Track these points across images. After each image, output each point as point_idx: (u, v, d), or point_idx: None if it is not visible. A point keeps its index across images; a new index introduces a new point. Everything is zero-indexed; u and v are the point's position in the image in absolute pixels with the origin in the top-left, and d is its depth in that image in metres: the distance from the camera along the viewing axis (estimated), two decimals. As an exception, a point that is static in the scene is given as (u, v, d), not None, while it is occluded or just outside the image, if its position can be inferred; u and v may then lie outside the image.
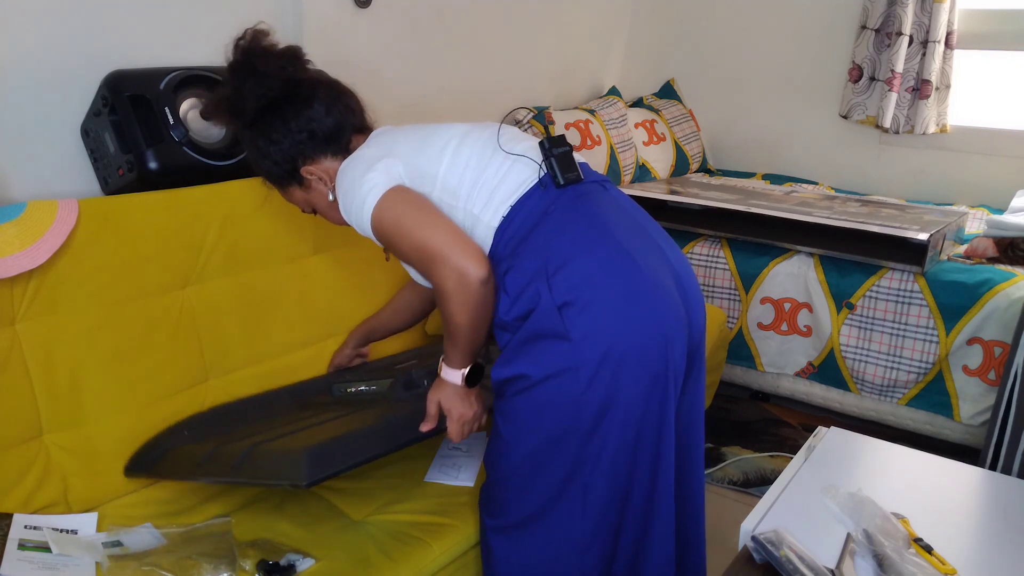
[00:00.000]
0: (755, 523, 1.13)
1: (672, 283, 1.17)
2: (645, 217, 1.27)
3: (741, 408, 2.59)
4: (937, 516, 1.17)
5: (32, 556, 1.16)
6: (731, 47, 3.47)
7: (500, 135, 1.22)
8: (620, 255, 1.13)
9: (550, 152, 1.18)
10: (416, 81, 2.34)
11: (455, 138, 1.22)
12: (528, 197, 1.17)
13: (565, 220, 1.14)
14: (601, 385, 1.08)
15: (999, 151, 2.97)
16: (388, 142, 1.25)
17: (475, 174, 1.18)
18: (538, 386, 1.09)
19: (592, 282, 1.10)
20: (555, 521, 1.13)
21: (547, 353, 1.09)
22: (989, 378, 2.13)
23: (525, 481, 1.14)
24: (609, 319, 1.09)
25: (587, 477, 1.11)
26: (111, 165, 1.54)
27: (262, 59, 1.28)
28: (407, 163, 1.20)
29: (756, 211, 2.44)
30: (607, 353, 1.08)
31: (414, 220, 1.15)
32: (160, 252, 1.48)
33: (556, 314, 1.08)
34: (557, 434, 1.10)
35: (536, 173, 1.18)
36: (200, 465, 1.24)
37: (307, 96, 1.29)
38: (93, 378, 1.38)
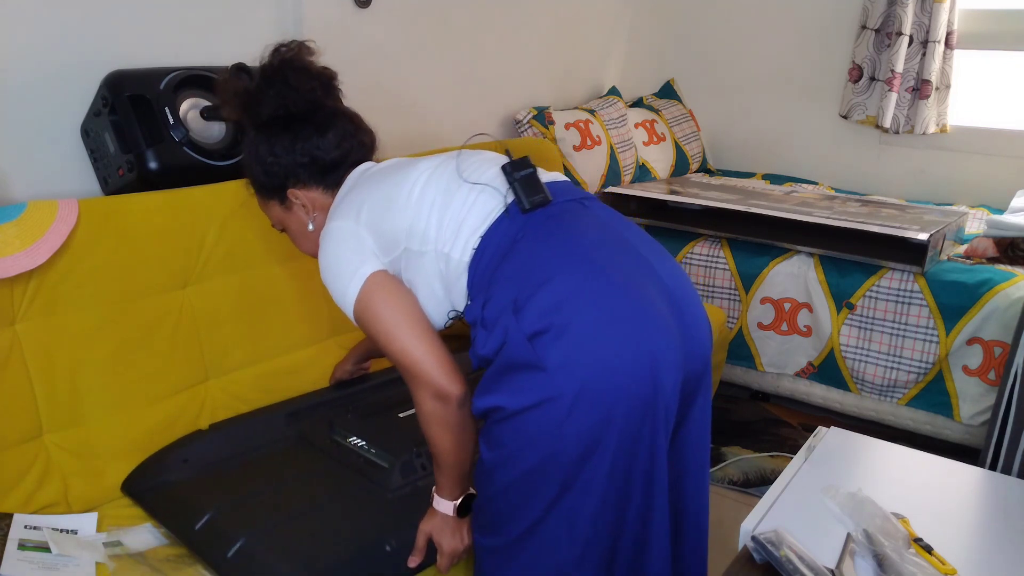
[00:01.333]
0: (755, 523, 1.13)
1: (663, 301, 1.10)
2: (633, 231, 1.19)
3: (741, 408, 2.59)
4: (937, 516, 1.17)
5: (32, 556, 1.16)
6: (731, 47, 3.47)
7: (460, 165, 1.18)
8: (597, 276, 1.07)
9: (512, 177, 1.13)
10: (416, 81, 2.35)
11: (419, 183, 1.17)
12: (496, 227, 1.12)
13: (535, 246, 1.10)
14: (583, 414, 1.02)
15: (999, 151, 2.97)
16: (356, 203, 1.21)
17: (440, 213, 1.15)
18: (516, 417, 1.05)
19: (565, 307, 1.04)
20: (541, 543, 1.10)
21: (522, 384, 1.04)
22: (989, 378, 2.13)
23: (512, 504, 1.10)
24: (586, 345, 1.03)
25: (574, 502, 1.07)
26: (111, 165, 1.54)
27: (296, 74, 1.26)
28: (374, 232, 1.18)
29: (756, 211, 2.44)
30: (586, 380, 1.02)
31: (392, 323, 1.15)
32: (160, 252, 1.48)
33: (527, 345, 1.03)
34: (540, 462, 1.06)
35: (502, 201, 1.14)
36: (196, 531, 1.22)
37: (324, 123, 1.28)
38: (93, 378, 1.38)
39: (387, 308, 1.15)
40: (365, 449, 1.43)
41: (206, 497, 1.29)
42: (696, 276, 2.55)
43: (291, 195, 1.30)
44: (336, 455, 1.44)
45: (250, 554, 1.17)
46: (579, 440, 1.04)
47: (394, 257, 1.18)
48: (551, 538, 1.09)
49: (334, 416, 1.55)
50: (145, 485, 1.36)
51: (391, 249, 1.17)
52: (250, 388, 1.60)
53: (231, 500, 1.28)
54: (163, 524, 1.28)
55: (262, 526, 1.22)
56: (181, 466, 1.38)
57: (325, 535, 1.22)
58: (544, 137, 2.72)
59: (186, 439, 1.43)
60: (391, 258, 1.18)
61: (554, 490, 1.07)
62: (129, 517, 1.32)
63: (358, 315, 1.17)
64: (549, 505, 1.08)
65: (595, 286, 1.06)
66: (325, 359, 1.74)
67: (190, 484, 1.34)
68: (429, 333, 1.16)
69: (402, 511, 1.28)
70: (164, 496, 1.33)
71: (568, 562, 1.10)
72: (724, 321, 2.37)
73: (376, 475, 1.37)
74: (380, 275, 1.17)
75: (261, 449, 1.46)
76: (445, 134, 2.48)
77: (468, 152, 1.21)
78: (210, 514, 1.24)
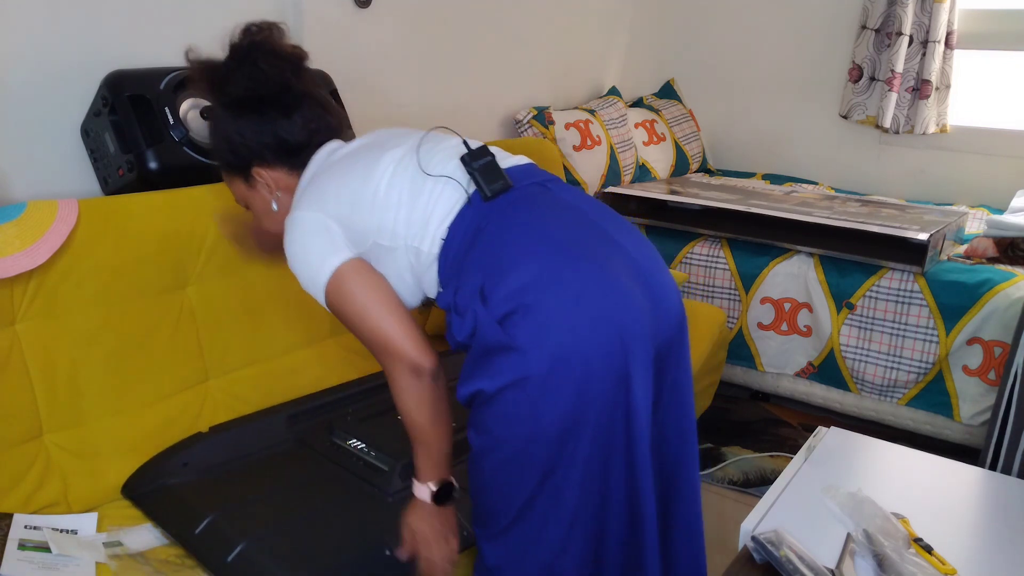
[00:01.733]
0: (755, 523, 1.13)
1: (629, 273, 1.12)
2: (600, 210, 1.21)
3: (741, 408, 2.59)
4: (937, 516, 1.18)
5: (32, 556, 1.16)
6: (731, 47, 3.47)
7: (422, 160, 1.19)
8: (560, 255, 1.10)
9: (472, 167, 1.16)
10: (416, 81, 2.35)
11: (383, 182, 1.18)
12: (461, 217, 1.15)
13: (499, 232, 1.12)
14: (558, 388, 1.05)
15: (999, 151, 2.97)
16: (322, 194, 1.23)
17: (408, 210, 1.17)
18: (496, 398, 1.07)
19: (531, 288, 1.06)
20: (531, 524, 1.11)
21: (498, 366, 1.06)
22: (989, 378, 2.13)
23: (502, 489, 1.12)
24: (554, 322, 1.05)
25: (559, 480, 1.09)
26: (111, 165, 1.54)
27: (265, 56, 1.26)
28: (343, 225, 1.19)
29: (756, 211, 2.44)
30: (558, 355, 1.04)
31: (365, 303, 1.17)
32: (160, 252, 1.48)
33: (497, 328, 1.05)
34: (524, 442, 1.08)
35: (464, 192, 1.17)
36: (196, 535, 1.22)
37: (291, 105, 1.28)
38: (93, 378, 1.38)
39: (360, 289, 1.17)
40: (365, 452, 1.43)
41: (206, 501, 1.29)
42: (696, 276, 2.55)
43: (255, 174, 1.30)
44: (336, 458, 1.44)
45: (250, 559, 1.17)
46: (557, 415, 1.06)
47: (364, 250, 1.20)
48: (540, 520, 1.11)
49: (334, 419, 1.55)
50: (145, 488, 1.35)
51: (360, 243, 1.19)
52: (250, 388, 1.60)
53: (231, 504, 1.28)
54: (163, 528, 1.27)
55: (262, 530, 1.22)
56: (181, 469, 1.38)
57: (325, 539, 1.22)
58: (544, 137, 2.72)
59: (186, 442, 1.43)
60: (361, 250, 1.20)
61: (539, 470, 1.08)
62: (129, 517, 1.32)
63: (330, 298, 1.19)
64: (536, 486, 1.09)
65: (559, 265, 1.09)
66: (325, 359, 1.74)
67: (190, 487, 1.34)
68: (401, 311, 1.18)
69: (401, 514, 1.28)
70: (164, 499, 1.32)
71: (557, 542, 1.11)
72: (724, 321, 2.37)
73: (376, 478, 1.37)
74: (354, 262, 1.18)
75: (261, 452, 1.45)
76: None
77: (428, 145, 1.22)
78: (210, 518, 1.24)
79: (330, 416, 1.57)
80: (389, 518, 1.27)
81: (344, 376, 1.74)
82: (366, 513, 1.29)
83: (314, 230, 1.19)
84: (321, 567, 1.16)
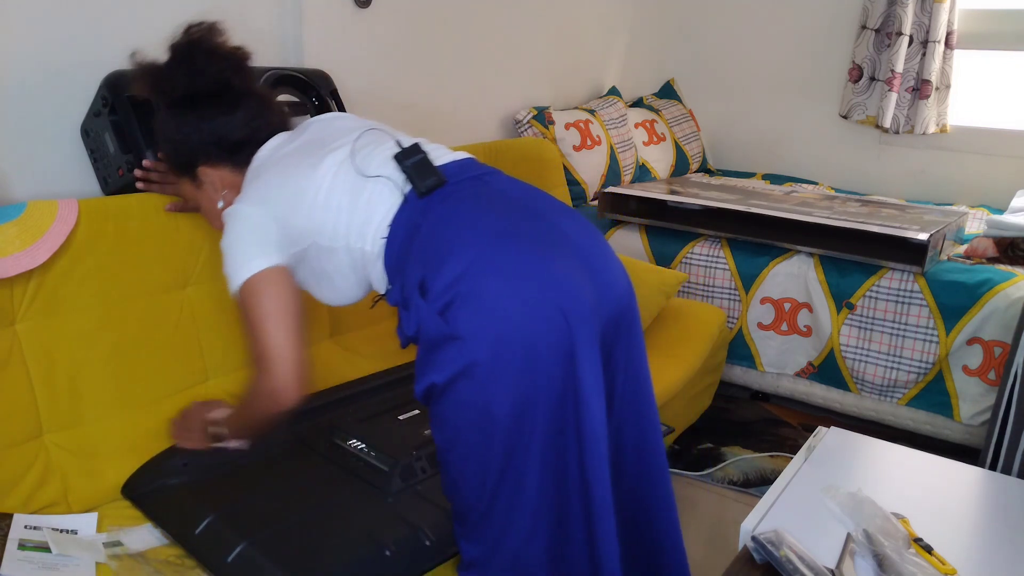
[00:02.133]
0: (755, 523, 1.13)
1: (570, 256, 1.13)
2: (540, 198, 1.23)
3: (741, 408, 2.60)
4: (937, 516, 1.18)
5: (32, 556, 1.16)
6: (731, 47, 3.47)
7: (358, 164, 1.22)
8: (495, 241, 1.11)
9: (404, 165, 1.19)
10: (416, 81, 2.35)
11: (323, 186, 1.21)
12: (399, 215, 1.18)
13: (435, 226, 1.15)
14: (504, 371, 1.06)
15: (999, 151, 2.97)
16: (265, 190, 1.25)
17: (349, 213, 1.20)
18: (448, 390, 1.08)
19: (468, 276, 1.08)
20: (499, 515, 1.12)
21: (444, 357, 1.07)
22: (989, 378, 2.13)
23: (469, 482, 1.12)
24: (494, 306, 1.06)
25: (519, 465, 1.09)
26: (111, 165, 1.54)
27: (203, 56, 1.29)
28: (281, 224, 1.22)
29: (756, 211, 2.44)
30: (500, 340, 1.05)
31: (267, 314, 1.19)
32: (160, 252, 1.48)
33: (439, 319, 1.07)
34: (480, 431, 1.09)
35: (401, 190, 1.19)
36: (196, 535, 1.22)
37: (231, 103, 1.31)
38: (93, 378, 1.38)
39: (269, 301, 1.20)
40: (365, 452, 1.43)
41: (206, 501, 1.29)
42: (696, 276, 2.55)
43: (201, 173, 1.33)
44: (336, 458, 1.44)
45: (250, 559, 1.16)
46: (508, 399, 1.06)
47: (302, 248, 1.23)
48: (505, 509, 1.11)
49: (334, 419, 1.55)
50: (145, 488, 1.35)
51: (299, 241, 1.22)
52: (250, 388, 1.59)
53: (231, 504, 1.28)
54: (163, 528, 1.27)
55: (262, 531, 1.22)
56: (181, 470, 1.37)
57: (325, 539, 1.22)
58: (544, 137, 2.72)
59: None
60: (299, 248, 1.23)
61: (499, 459, 1.09)
62: (129, 517, 1.32)
63: (241, 296, 1.22)
64: (499, 475, 1.10)
65: (494, 251, 1.10)
66: (325, 359, 1.74)
67: (190, 488, 1.34)
68: (297, 337, 1.20)
69: (402, 514, 1.28)
70: (164, 500, 1.32)
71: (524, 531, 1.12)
72: (724, 321, 2.37)
73: (376, 478, 1.37)
74: (275, 271, 1.21)
75: (261, 453, 1.45)
76: (445, 134, 2.48)
77: (364, 147, 1.25)
78: (210, 518, 1.24)
79: (330, 416, 1.57)
80: (389, 518, 1.27)
81: (344, 376, 1.74)
82: (366, 513, 1.29)
83: (250, 227, 1.23)
84: (321, 567, 1.16)
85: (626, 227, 2.69)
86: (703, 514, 2.02)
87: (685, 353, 2.14)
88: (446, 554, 1.24)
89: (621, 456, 1.23)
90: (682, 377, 2.05)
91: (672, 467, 2.21)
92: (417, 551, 1.23)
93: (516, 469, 1.09)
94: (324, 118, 1.38)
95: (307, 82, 1.81)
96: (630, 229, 2.68)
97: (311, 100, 1.82)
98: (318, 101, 1.83)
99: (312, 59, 1.97)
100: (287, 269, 1.23)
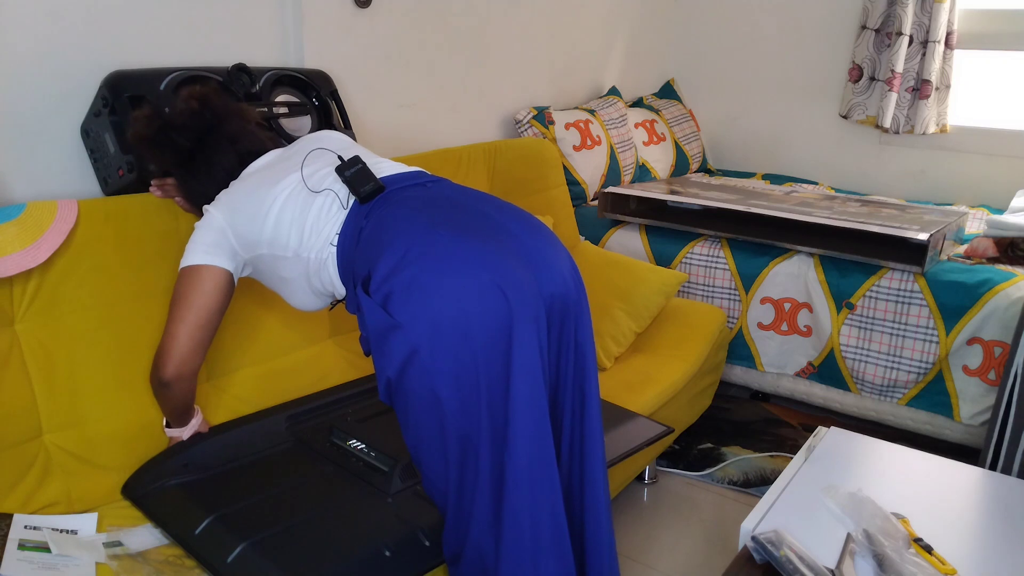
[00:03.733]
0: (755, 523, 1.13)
1: (508, 244, 1.16)
2: (484, 200, 1.28)
3: (741, 408, 2.60)
4: (937, 516, 1.18)
5: (32, 556, 1.16)
6: (731, 47, 3.47)
7: (306, 180, 1.31)
8: (432, 232, 1.15)
9: (344, 176, 1.27)
10: (416, 81, 2.35)
11: (276, 204, 1.30)
12: (346, 223, 1.25)
13: (375, 228, 1.21)
14: (444, 355, 1.07)
15: (999, 151, 2.97)
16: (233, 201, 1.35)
17: (299, 228, 1.28)
18: (400, 382, 1.11)
19: (404, 265, 1.11)
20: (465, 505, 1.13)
21: (391, 347, 1.10)
22: (989, 378, 2.13)
23: (436, 476, 1.14)
24: (430, 290, 1.09)
25: (474, 450, 1.11)
26: (111, 165, 1.54)
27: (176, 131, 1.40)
28: (237, 234, 1.33)
29: (756, 211, 2.44)
30: (435, 321, 1.07)
31: (183, 306, 1.32)
32: (160, 252, 1.48)
33: (382, 311, 1.10)
34: (433, 419, 1.10)
35: (344, 200, 1.27)
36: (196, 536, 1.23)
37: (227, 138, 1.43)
38: (93, 378, 1.38)
39: (193, 294, 1.32)
40: (365, 452, 1.43)
41: (206, 501, 1.29)
42: (696, 276, 2.55)
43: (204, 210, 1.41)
44: (336, 459, 1.44)
45: (250, 559, 1.17)
46: (450, 380, 1.08)
47: (256, 255, 1.33)
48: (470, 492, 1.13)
49: (334, 419, 1.55)
50: (145, 489, 1.35)
51: (252, 249, 1.33)
52: (250, 388, 1.60)
53: (231, 505, 1.28)
54: (163, 528, 1.27)
55: (262, 531, 1.22)
56: (181, 470, 1.38)
57: (325, 540, 1.22)
58: (544, 137, 2.72)
59: (186, 442, 1.43)
60: (253, 255, 1.34)
61: (456, 447, 1.11)
62: (129, 517, 1.32)
63: (178, 278, 1.34)
64: (459, 464, 1.12)
65: (428, 239, 1.14)
66: (325, 359, 1.74)
67: (190, 488, 1.34)
68: (200, 334, 1.32)
69: (402, 515, 1.28)
70: (164, 500, 1.32)
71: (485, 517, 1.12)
72: (724, 321, 2.37)
73: (375, 478, 1.37)
74: (212, 270, 1.32)
75: (261, 453, 1.45)
76: (445, 134, 2.48)
77: (310, 165, 1.34)
78: (210, 519, 1.24)
79: (330, 417, 1.57)
80: (388, 519, 1.27)
81: (344, 376, 1.74)
82: (366, 514, 1.29)
83: (210, 227, 1.34)
84: (321, 568, 1.16)
85: (626, 227, 2.69)
86: (703, 514, 2.02)
87: (685, 353, 2.14)
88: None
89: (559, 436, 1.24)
90: (682, 377, 2.05)
91: (672, 467, 2.21)
92: (416, 552, 1.23)
93: (473, 456, 1.11)
94: (310, 137, 1.46)
95: (307, 82, 1.82)
96: (630, 229, 2.68)
97: (311, 100, 1.82)
98: (318, 101, 1.83)
99: (312, 59, 1.97)
100: (225, 272, 1.33)
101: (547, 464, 1.13)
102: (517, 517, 1.11)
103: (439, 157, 2.17)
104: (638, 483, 2.14)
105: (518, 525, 1.12)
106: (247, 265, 1.37)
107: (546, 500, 1.13)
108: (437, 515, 1.27)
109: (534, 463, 1.12)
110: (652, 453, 2.08)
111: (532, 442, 1.11)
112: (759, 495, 1.57)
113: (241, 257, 1.35)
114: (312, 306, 1.38)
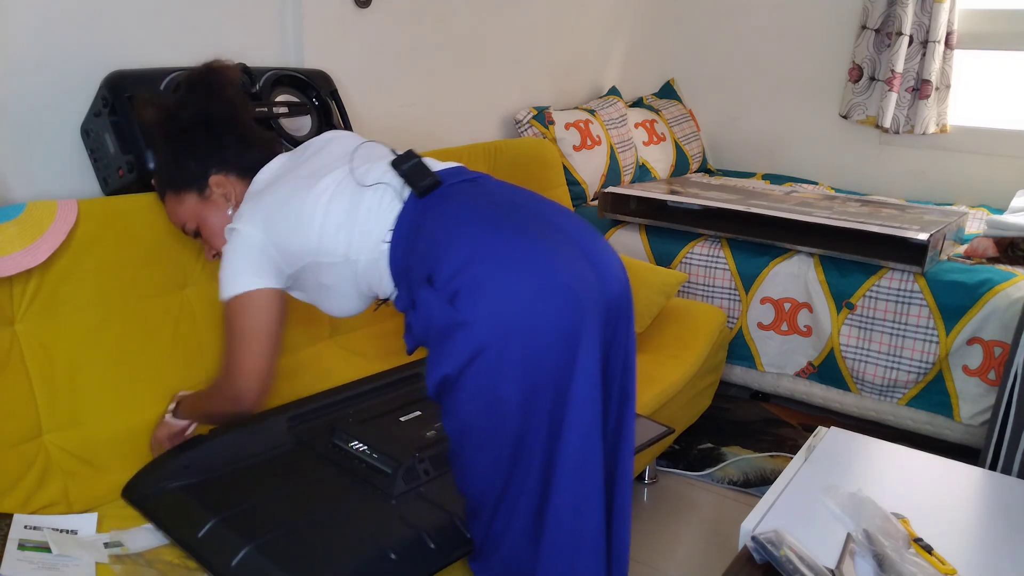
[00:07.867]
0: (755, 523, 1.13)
1: (567, 245, 1.15)
2: (533, 198, 1.26)
3: (741, 408, 2.60)
4: (937, 516, 1.18)
5: (32, 556, 1.16)
6: (731, 47, 3.47)
7: (355, 173, 1.26)
8: (496, 231, 1.14)
9: (402, 169, 1.24)
10: (416, 81, 2.35)
11: (320, 206, 1.25)
12: (401, 218, 1.21)
13: (436, 224, 1.18)
14: (512, 356, 1.06)
15: (999, 151, 2.97)
16: (265, 212, 1.29)
17: (348, 229, 1.23)
18: (460, 378, 1.09)
19: (473, 263, 1.10)
20: (509, 503, 1.13)
21: (455, 346, 1.08)
22: (989, 378, 2.13)
23: (482, 472, 1.13)
24: (501, 290, 1.07)
25: (528, 452, 1.10)
26: (111, 165, 1.54)
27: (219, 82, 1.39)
28: (280, 247, 1.27)
29: (756, 211, 2.44)
30: (507, 323, 1.06)
31: (249, 333, 1.28)
32: (160, 252, 1.48)
33: (449, 308, 1.08)
34: (492, 417, 1.09)
35: (400, 194, 1.23)
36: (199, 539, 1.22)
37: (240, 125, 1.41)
38: (93, 378, 1.38)
39: (254, 321, 1.28)
40: (367, 454, 1.43)
41: (208, 504, 1.28)
42: (696, 276, 2.55)
43: (213, 183, 1.37)
44: (338, 460, 1.43)
45: (255, 563, 1.16)
46: (516, 383, 1.07)
47: (301, 266, 1.27)
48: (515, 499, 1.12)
49: (336, 421, 1.55)
50: (146, 491, 1.35)
51: (298, 261, 1.27)
52: (250, 388, 1.59)
53: (233, 507, 1.28)
54: (166, 531, 1.27)
55: (265, 534, 1.21)
56: (182, 472, 1.37)
57: (330, 543, 1.22)
58: (544, 137, 2.72)
59: (187, 444, 1.43)
60: (297, 267, 1.28)
61: (510, 447, 1.10)
62: (129, 517, 1.32)
63: (229, 310, 1.29)
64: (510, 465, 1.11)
65: (498, 240, 1.13)
66: (325, 359, 1.74)
67: (192, 491, 1.33)
68: (271, 358, 1.30)
69: (406, 518, 1.28)
70: (166, 503, 1.32)
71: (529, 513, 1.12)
72: (724, 321, 2.37)
73: (378, 480, 1.36)
74: (265, 292, 1.28)
75: (263, 455, 1.45)
76: (445, 134, 2.48)
77: (360, 160, 1.30)
78: (213, 522, 1.24)
79: (331, 418, 1.57)
80: (392, 520, 1.27)
81: (345, 377, 1.73)
82: (369, 516, 1.29)
83: (249, 246, 1.28)
84: (326, 571, 1.16)
85: (626, 227, 2.69)
86: (703, 514, 2.02)
87: (685, 353, 2.14)
88: (450, 557, 1.24)
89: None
90: (682, 377, 2.05)
91: (672, 467, 2.21)
92: (422, 554, 1.23)
93: (526, 456, 1.10)
94: (323, 138, 1.42)
95: (307, 82, 1.81)
96: (630, 229, 2.68)
97: (311, 100, 1.82)
98: (318, 101, 1.83)
99: (312, 59, 1.97)
100: (277, 292, 1.29)
101: (595, 465, 1.13)
102: (560, 517, 1.11)
103: (439, 157, 2.14)
104: (638, 483, 2.14)
105: (560, 525, 1.12)
106: (289, 280, 1.31)
107: (591, 501, 1.13)
108: (442, 517, 1.26)
109: (584, 464, 1.12)
110: (652, 453, 2.08)
111: (583, 443, 1.11)
112: (759, 495, 1.57)
113: (285, 273, 1.29)
114: (354, 310, 1.34)
